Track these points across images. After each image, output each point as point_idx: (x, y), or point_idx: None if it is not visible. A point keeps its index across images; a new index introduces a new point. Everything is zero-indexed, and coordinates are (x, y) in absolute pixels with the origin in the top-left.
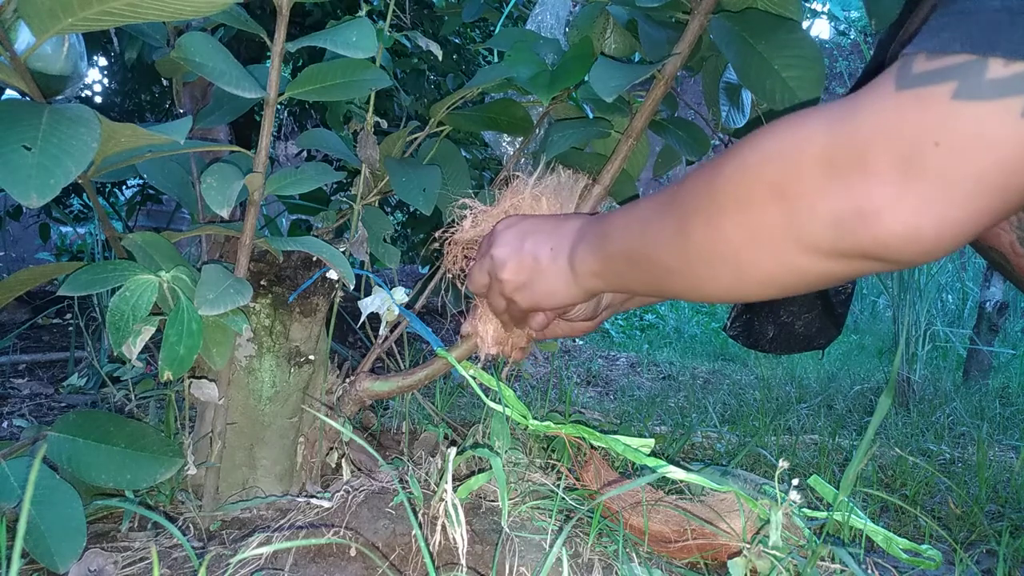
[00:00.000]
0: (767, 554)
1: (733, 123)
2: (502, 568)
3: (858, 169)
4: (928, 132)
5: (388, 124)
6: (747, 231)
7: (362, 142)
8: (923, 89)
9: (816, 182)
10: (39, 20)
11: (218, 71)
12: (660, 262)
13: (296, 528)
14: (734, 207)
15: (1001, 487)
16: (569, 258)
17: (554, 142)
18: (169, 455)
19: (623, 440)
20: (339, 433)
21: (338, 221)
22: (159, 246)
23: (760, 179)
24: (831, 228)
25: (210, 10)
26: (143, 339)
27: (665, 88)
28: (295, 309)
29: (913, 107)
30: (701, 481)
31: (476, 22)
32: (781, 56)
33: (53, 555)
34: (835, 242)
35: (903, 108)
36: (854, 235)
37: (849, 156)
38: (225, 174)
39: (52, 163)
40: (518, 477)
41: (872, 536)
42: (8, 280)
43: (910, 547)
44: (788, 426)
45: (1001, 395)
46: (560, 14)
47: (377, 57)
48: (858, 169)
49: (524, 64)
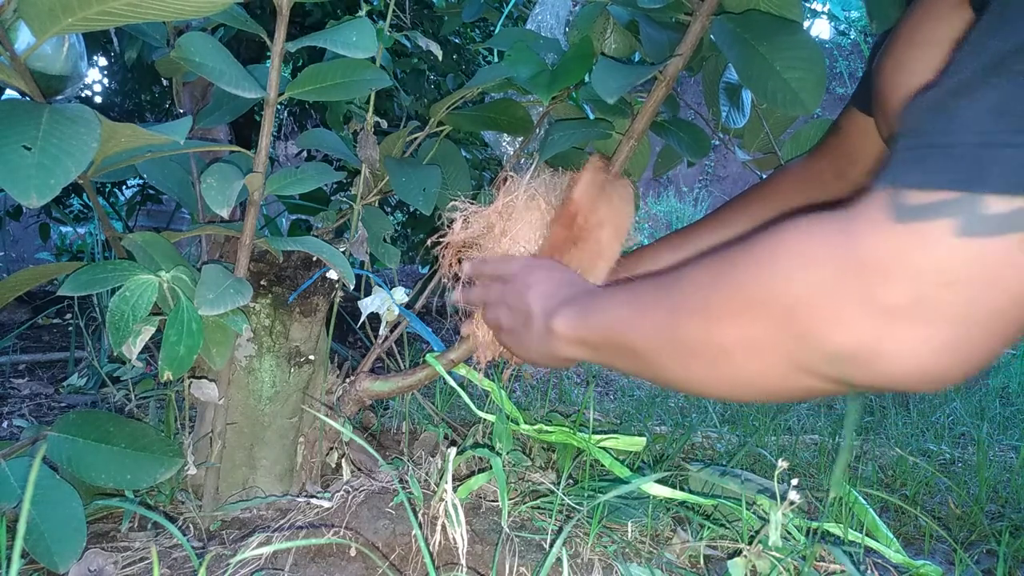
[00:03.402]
0: (767, 554)
1: (733, 123)
2: (502, 568)
3: (867, 308)
4: (937, 272)
5: (388, 124)
6: (745, 343)
7: (362, 142)
8: (923, 224)
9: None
10: (39, 20)
11: (218, 71)
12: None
13: (296, 528)
14: (735, 316)
15: (1001, 487)
16: (551, 319)
17: (554, 141)
18: (169, 455)
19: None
20: (339, 433)
21: (338, 221)
22: (159, 246)
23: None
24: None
25: (210, 10)
26: (143, 339)
27: (667, 89)
28: (295, 309)
29: (916, 244)
30: (686, 498)
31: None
32: (782, 57)
33: (53, 555)
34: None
35: (906, 244)
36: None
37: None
38: (225, 174)
39: (52, 163)
40: (518, 477)
41: (873, 532)
42: (8, 280)
43: (907, 564)
44: (788, 426)
45: (1001, 395)
46: (560, 14)
47: (377, 57)
48: (867, 308)
49: (524, 64)
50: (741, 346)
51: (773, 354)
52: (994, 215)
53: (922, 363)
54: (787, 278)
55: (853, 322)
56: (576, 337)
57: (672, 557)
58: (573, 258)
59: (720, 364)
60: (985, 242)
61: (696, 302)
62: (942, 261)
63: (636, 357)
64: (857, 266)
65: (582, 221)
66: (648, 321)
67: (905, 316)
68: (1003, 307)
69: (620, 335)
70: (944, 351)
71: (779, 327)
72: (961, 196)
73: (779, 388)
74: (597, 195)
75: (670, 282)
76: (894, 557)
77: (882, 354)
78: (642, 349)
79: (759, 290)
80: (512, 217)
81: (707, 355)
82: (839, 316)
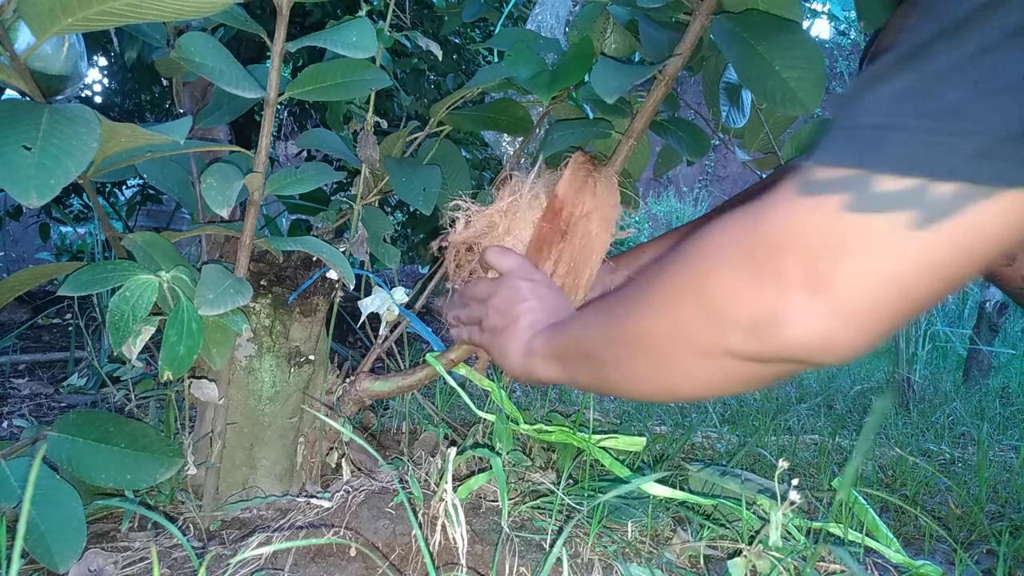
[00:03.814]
0: (767, 555)
1: (733, 123)
2: (502, 568)
3: (769, 276)
4: (828, 241)
5: (388, 124)
6: (672, 330)
7: (362, 142)
8: (821, 198)
9: (731, 287)
10: (39, 20)
11: (218, 71)
12: (596, 352)
13: (296, 528)
14: (661, 306)
15: (1001, 487)
16: (531, 337)
17: (553, 141)
18: (169, 455)
19: (612, 441)
20: (339, 433)
21: (338, 221)
22: (159, 246)
23: (684, 282)
24: (750, 332)
25: (210, 10)
26: (143, 339)
27: (666, 89)
28: (295, 309)
29: (813, 216)
30: (686, 498)
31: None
32: (782, 57)
33: (53, 555)
34: (755, 346)
35: (804, 216)
36: (771, 341)
37: (760, 262)
38: (225, 174)
39: (52, 163)
40: (518, 477)
41: (873, 532)
42: (8, 280)
43: (907, 564)
44: (788, 426)
45: (1001, 395)
46: (560, 14)
47: (377, 57)
48: (769, 276)
49: (524, 64)
50: (671, 334)
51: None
52: (883, 193)
53: (818, 330)
54: (702, 262)
55: (756, 292)
56: (550, 351)
57: (672, 557)
58: (564, 251)
59: (655, 358)
60: (872, 217)
61: (634, 300)
62: (833, 233)
63: (593, 363)
64: (759, 239)
65: (567, 215)
66: (601, 325)
67: (801, 284)
68: (889, 280)
69: (580, 342)
70: (837, 319)
71: (698, 309)
72: (857, 173)
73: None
74: (580, 188)
75: (625, 288)
76: (894, 557)
77: (783, 321)
78: (597, 353)
79: (681, 278)
80: (515, 216)
81: (645, 348)
82: (744, 288)
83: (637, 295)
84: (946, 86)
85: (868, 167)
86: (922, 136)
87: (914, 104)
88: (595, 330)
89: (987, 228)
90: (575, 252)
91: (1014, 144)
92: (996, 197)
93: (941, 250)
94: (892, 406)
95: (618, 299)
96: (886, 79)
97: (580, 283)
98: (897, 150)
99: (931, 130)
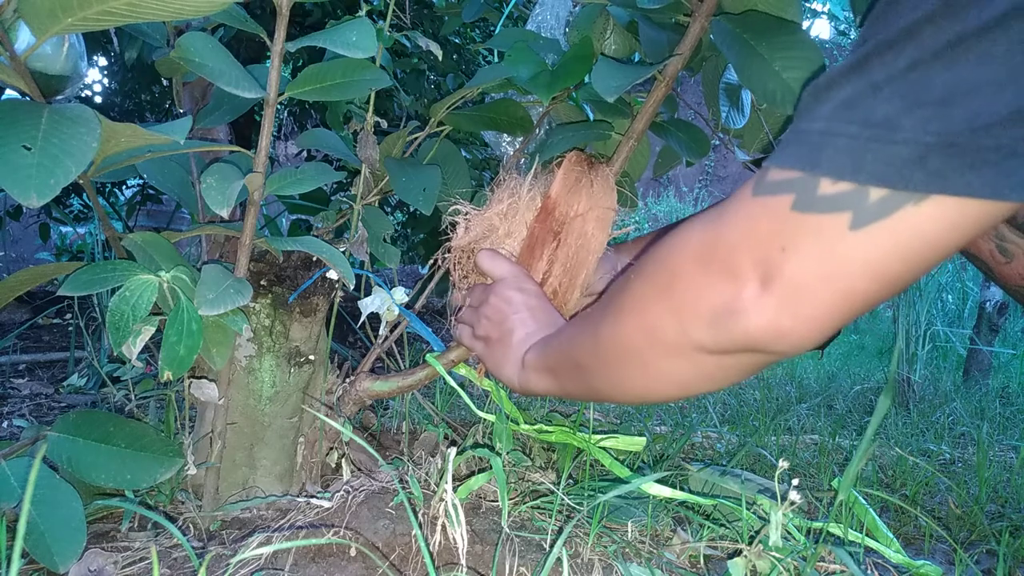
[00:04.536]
0: (767, 555)
1: (733, 123)
2: (502, 568)
3: (725, 270)
4: (775, 238)
5: (388, 124)
6: (643, 333)
7: (362, 142)
8: (771, 198)
9: (693, 284)
10: (39, 20)
11: (218, 71)
12: (583, 360)
13: (296, 528)
14: (631, 311)
15: (1001, 487)
16: (524, 351)
17: (553, 143)
18: (169, 455)
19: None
20: (339, 433)
21: (338, 221)
22: (159, 246)
23: (651, 284)
24: (710, 325)
25: (210, 10)
26: (143, 339)
27: (666, 89)
28: (295, 309)
29: (763, 214)
30: (686, 498)
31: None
32: (782, 57)
33: (53, 555)
34: (716, 338)
35: (756, 214)
36: (729, 331)
37: (717, 258)
38: (225, 174)
39: (52, 163)
40: (518, 477)
41: (873, 532)
42: (8, 280)
43: (907, 564)
44: (788, 426)
45: (1001, 395)
46: (560, 14)
47: (377, 57)
48: (725, 270)
49: (524, 64)
50: (642, 337)
51: (667, 336)
52: (824, 195)
53: (769, 321)
54: (666, 264)
55: (714, 287)
56: (543, 365)
57: (672, 557)
58: (558, 252)
59: (632, 361)
60: (815, 217)
61: (609, 307)
62: (780, 230)
63: (581, 372)
64: (718, 237)
65: (560, 215)
66: (584, 335)
67: (753, 278)
68: (831, 275)
69: (567, 354)
70: (785, 310)
71: (664, 309)
72: (802, 176)
73: (690, 373)
74: (574, 188)
75: (606, 294)
76: (894, 557)
77: (739, 313)
78: (583, 363)
79: (649, 282)
80: (515, 219)
81: (622, 353)
82: (704, 283)
83: (611, 302)
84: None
85: (811, 170)
86: (858, 143)
87: (854, 113)
88: (579, 340)
89: (925, 232)
90: (570, 252)
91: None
92: (927, 203)
93: (877, 250)
94: (892, 406)
95: (598, 307)
96: (834, 87)
97: (576, 283)
98: (836, 156)
99: (867, 138)
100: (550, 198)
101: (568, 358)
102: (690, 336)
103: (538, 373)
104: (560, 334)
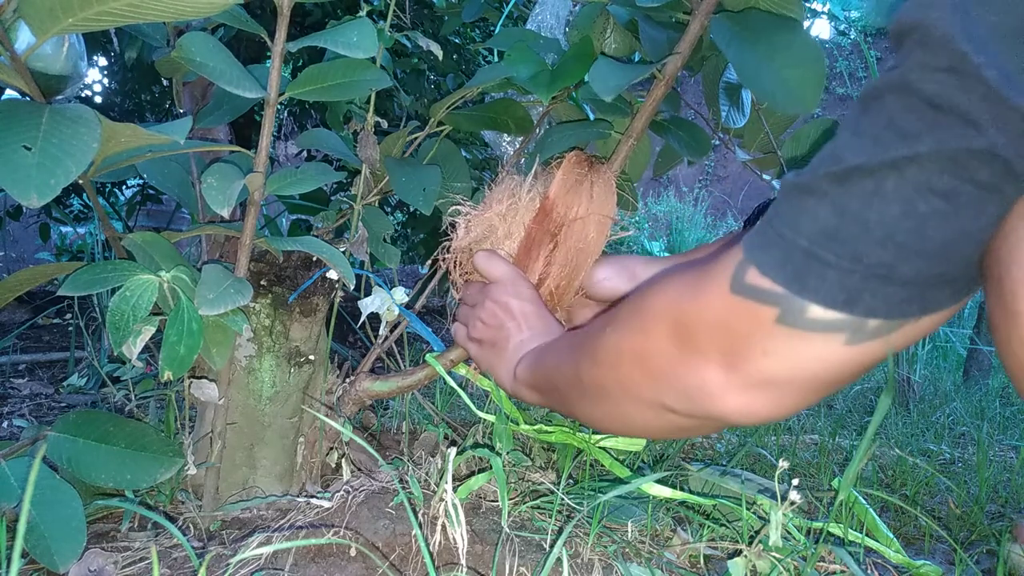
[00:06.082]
0: (767, 555)
1: (733, 123)
2: (502, 568)
3: (700, 354)
4: (758, 342)
5: (388, 124)
6: (619, 385)
7: (362, 142)
8: (753, 304)
9: (667, 356)
10: (39, 20)
11: (218, 71)
12: (562, 388)
13: (296, 528)
14: (609, 363)
15: (1001, 487)
16: (517, 361)
17: (552, 142)
18: (169, 455)
19: (612, 441)
20: (339, 433)
21: (338, 221)
22: (159, 246)
23: (628, 343)
24: (680, 397)
25: (210, 10)
26: (143, 339)
27: (666, 88)
28: (295, 309)
29: (745, 316)
30: (686, 498)
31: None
32: (782, 56)
33: (53, 555)
34: (687, 408)
35: (737, 313)
36: (703, 407)
37: (692, 340)
38: (225, 174)
39: (52, 163)
40: (518, 477)
41: (873, 532)
42: (8, 280)
43: (907, 564)
44: (788, 426)
45: (1001, 395)
46: (560, 14)
47: (377, 57)
48: (700, 354)
49: (524, 64)
50: (618, 387)
51: (642, 393)
52: (813, 319)
53: (741, 406)
54: (644, 326)
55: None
56: (531, 380)
57: (672, 557)
58: (556, 253)
59: (607, 402)
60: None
61: (589, 348)
62: (763, 337)
63: (563, 397)
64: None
65: (558, 216)
66: (566, 364)
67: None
68: (817, 375)
69: (550, 378)
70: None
71: (640, 370)
72: (789, 296)
73: (657, 425)
74: (573, 189)
75: (590, 329)
76: (894, 557)
77: (710, 394)
78: (563, 389)
79: (626, 340)
80: (515, 219)
81: (599, 394)
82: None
83: (591, 344)
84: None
85: (799, 295)
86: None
87: (837, 243)
88: (563, 370)
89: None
90: (569, 254)
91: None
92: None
93: (871, 355)
94: (892, 406)
95: (586, 336)
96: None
97: (572, 285)
98: (827, 287)
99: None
100: (548, 199)
101: (551, 383)
102: (662, 400)
103: (527, 388)
104: (548, 355)
